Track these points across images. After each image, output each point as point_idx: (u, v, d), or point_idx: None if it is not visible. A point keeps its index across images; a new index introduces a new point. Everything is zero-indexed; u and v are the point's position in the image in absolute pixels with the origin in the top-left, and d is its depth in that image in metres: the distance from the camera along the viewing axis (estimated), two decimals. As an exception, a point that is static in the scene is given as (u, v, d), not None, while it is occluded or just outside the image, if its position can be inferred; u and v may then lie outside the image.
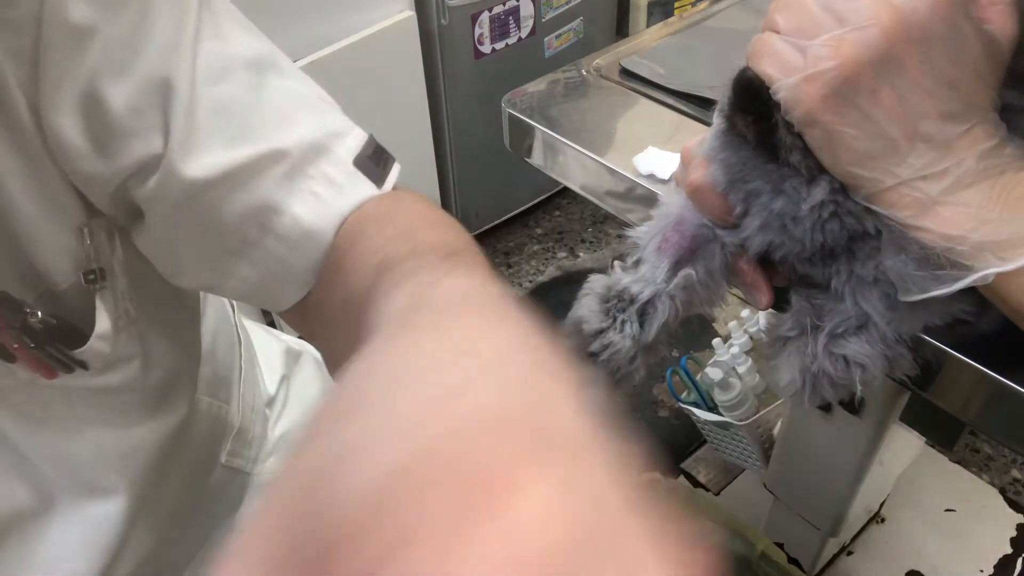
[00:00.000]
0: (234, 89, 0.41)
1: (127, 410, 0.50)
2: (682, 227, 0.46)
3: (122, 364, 0.48)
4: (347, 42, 1.36)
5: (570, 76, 0.73)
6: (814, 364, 0.44)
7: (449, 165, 1.70)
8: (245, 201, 0.41)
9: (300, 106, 0.43)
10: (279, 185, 0.41)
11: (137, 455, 0.51)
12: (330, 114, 0.44)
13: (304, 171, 0.42)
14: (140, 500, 0.51)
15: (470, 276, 0.29)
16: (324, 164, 0.42)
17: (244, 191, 0.41)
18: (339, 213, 0.42)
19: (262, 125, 0.41)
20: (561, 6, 1.62)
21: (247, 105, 0.41)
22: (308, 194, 0.42)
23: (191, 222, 0.42)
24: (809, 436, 0.93)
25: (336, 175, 0.42)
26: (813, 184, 0.38)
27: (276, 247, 0.42)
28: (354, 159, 0.43)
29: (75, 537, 0.49)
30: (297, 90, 0.44)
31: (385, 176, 0.44)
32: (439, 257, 0.35)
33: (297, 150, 0.41)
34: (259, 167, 0.41)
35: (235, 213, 0.41)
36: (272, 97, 0.42)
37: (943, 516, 1.25)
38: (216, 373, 0.61)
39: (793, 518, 1.05)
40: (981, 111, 0.34)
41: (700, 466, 1.38)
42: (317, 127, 0.43)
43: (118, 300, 0.46)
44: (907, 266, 0.37)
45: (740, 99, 0.39)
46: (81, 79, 0.37)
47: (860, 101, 0.34)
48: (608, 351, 0.47)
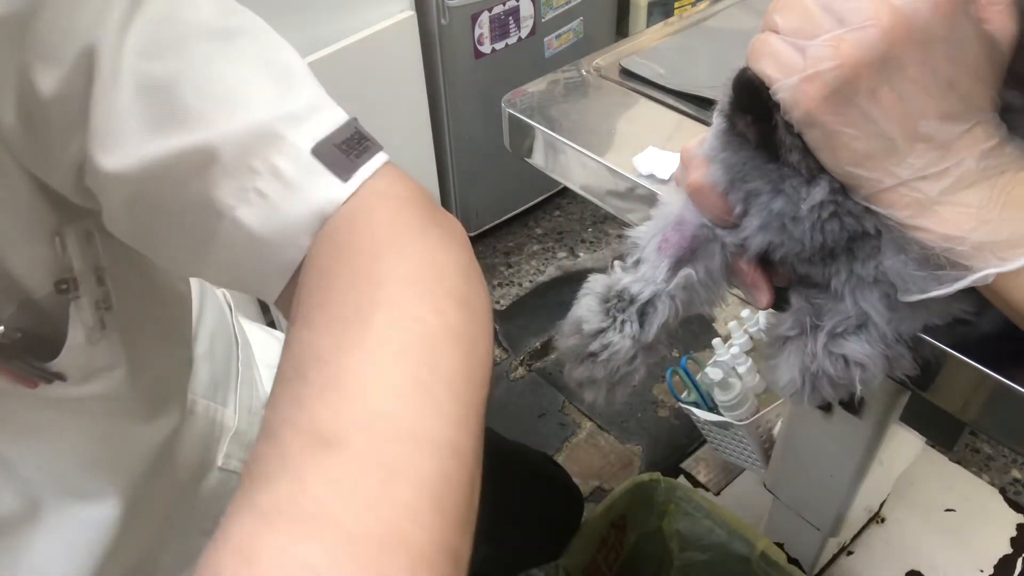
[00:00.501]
0: (175, 64, 0.35)
1: (115, 418, 0.48)
2: (682, 227, 0.46)
3: (104, 373, 0.46)
4: (347, 42, 1.36)
5: (570, 76, 0.73)
6: (814, 364, 0.44)
7: (449, 165, 1.70)
8: (185, 198, 0.36)
9: (261, 82, 0.37)
10: (218, 183, 0.36)
11: (127, 461, 0.50)
12: (297, 91, 0.38)
13: (248, 164, 0.36)
14: (131, 505, 0.50)
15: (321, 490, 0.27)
16: (274, 155, 0.36)
17: (180, 187, 0.36)
18: (294, 222, 0.36)
19: (202, 107, 0.36)
20: (561, 6, 1.62)
21: (190, 81, 0.35)
22: (253, 193, 0.36)
23: (141, 217, 0.38)
24: (809, 436, 0.93)
25: (287, 168, 0.36)
26: (813, 184, 0.38)
27: (225, 253, 0.38)
28: (315, 146, 0.37)
29: (64, 542, 0.48)
30: (262, 62, 0.38)
31: (355, 167, 0.37)
32: (309, 448, 0.29)
33: (242, 137, 0.36)
34: (193, 159, 0.36)
35: (178, 211, 0.37)
36: (227, 72, 0.36)
37: (943, 516, 1.25)
38: (213, 375, 0.61)
39: (793, 518, 1.05)
40: (981, 111, 0.34)
41: (700, 466, 1.38)
42: (272, 107, 0.37)
43: (95, 309, 0.43)
44: (907, 266, 0.37)
45: (740, 99, 0.39)
46: (13, 71, 0.34)
47: (859, 101, 0.34)
48: (608, 351, 0.47)
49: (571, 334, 0.48)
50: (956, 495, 1.27)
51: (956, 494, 1.27)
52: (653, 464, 1.41)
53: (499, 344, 1.65)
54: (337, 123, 0.38)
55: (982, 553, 1.20)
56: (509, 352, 1.63)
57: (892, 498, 1.24)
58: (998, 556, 1.19)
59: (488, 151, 1.68)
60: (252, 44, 0.38)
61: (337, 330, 0.32)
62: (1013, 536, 1.22)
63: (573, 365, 0.49)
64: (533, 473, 0.89)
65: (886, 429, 0.83)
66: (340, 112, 0.39)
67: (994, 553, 1.20)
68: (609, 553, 1.04)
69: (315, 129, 0.37)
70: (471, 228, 1.81)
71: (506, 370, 1.59)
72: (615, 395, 0.49)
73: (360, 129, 0.39)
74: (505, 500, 0.81)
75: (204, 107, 0.36)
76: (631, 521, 1.05)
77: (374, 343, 0.32)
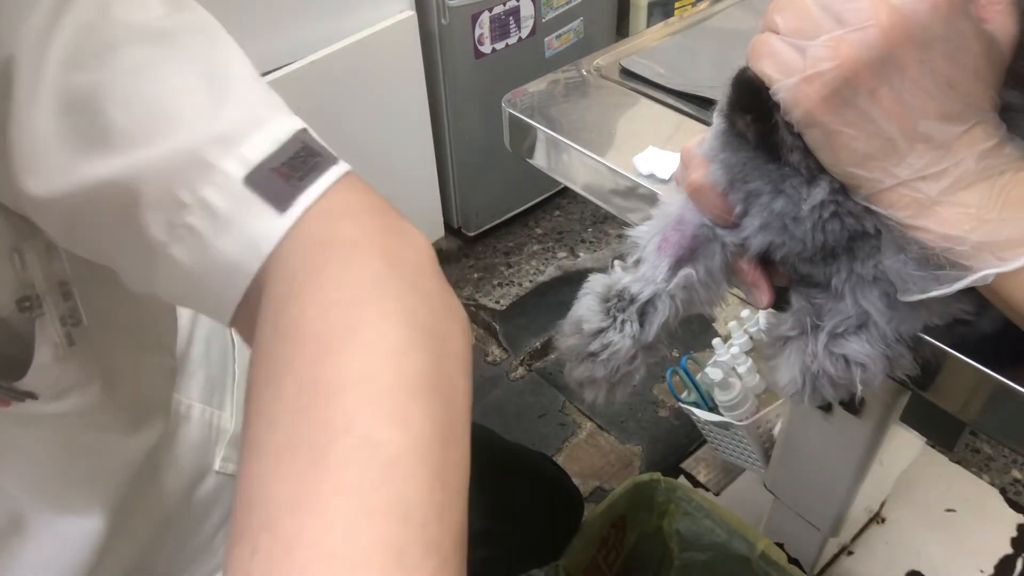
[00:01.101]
0: (101, 75, 0.32)
1: (93, 432, 0.47)
2: (682, 227, 0.46)
3: (77, 389, 0.44)
4: (347, 42, 1.36)
5: (570, 76, 0.73)
6: (814, 364, 0.44)
7: (449, 165, 1.70)
8: (118, 227, 0.34)
9: (194, 94, 0.34)
10: (146, 216, 0.33)
11: (110, 474, 0.49)
12: (235, 104, 0.35)
13: (175, 196, 0.33)
14: (118, 516, 0.49)
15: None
16: (203, 186, 0.33)
17: (112, 215, 0.33)
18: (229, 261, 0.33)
19: (128, 125, 0.32)
20: (561, 6, 1.62)
21: (115, 96, 0.32)
22: (183, 228, 0.33)
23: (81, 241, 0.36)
24: (809, 436, 0.93)
25: (217, 201, 0.33)
26: (813, 184, 0.38)
27: (167, 284, 0.35)
28: (248, 173, 0.33)
29: (50, 555, 0.47)
30: (199, 70, 0.34)
31: (296, 192, 0.33)
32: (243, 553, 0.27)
33: (168, 166, 0.33)
34: (117, 192, 0.33)
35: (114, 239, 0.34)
36: (157, 83, 0.33)
37: (943, 516, 1.25)
38: (209, 379, 0.60)
39: (793, 518, 1.05)
40: (981, 111, 0.34)
41: (700, 466, 1.38)
42: (202, 127, 0.33)
43: (61, 325, 0.41)
44: (906, 266, 0.37)
45: (740, 99, 0.39)
46: None
47: (859, 101, 0.34)
48: (608, 350, 0.47)
49: (571, 334, 0.48)
50: (956, 495, 1.27)
51: (956, 494, 1.27)
52: (653, 464, 1.41)
53: (499, 344, 1.65)
54: (279, 140, 0.34)
55: (982, 553, 1.20)
56: (509, 352, 1.63)
57: (892, 498, 1.24)
58: (998, 556, 1.19)
59: (488, 151, 1.68)
60: (193, 46, 0.35)
61: (291, 471, 0.28)
62: (1013, 536, 1.22)
63: (573, 365, 0.49)
64: (532, 474, 0.89)
65: (886, 429, 0.83)
66: (286, 125, 0.35)
67: (994, 553, 1.20)
68: (609, 553, 1.04)
69: (250, 152, 0.33)
70: (471, 228, 1.81)
71: (506, 370, 1.59)
72: (615, 394, 0.49)
73: (309, 142, 0.35)
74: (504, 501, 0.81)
75: (129, 125, 0.33)
76: (631, 521, 1.05)
77: (333, 495, 0.27)
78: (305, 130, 0.36)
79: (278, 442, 0.29)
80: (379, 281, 0.33)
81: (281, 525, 0.27)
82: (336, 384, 0.30)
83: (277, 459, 0.29)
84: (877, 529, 1.23)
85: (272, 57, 1.29)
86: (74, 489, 0.47)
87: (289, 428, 0.29)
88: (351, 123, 1.44)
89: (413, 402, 0.30)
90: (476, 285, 1.78)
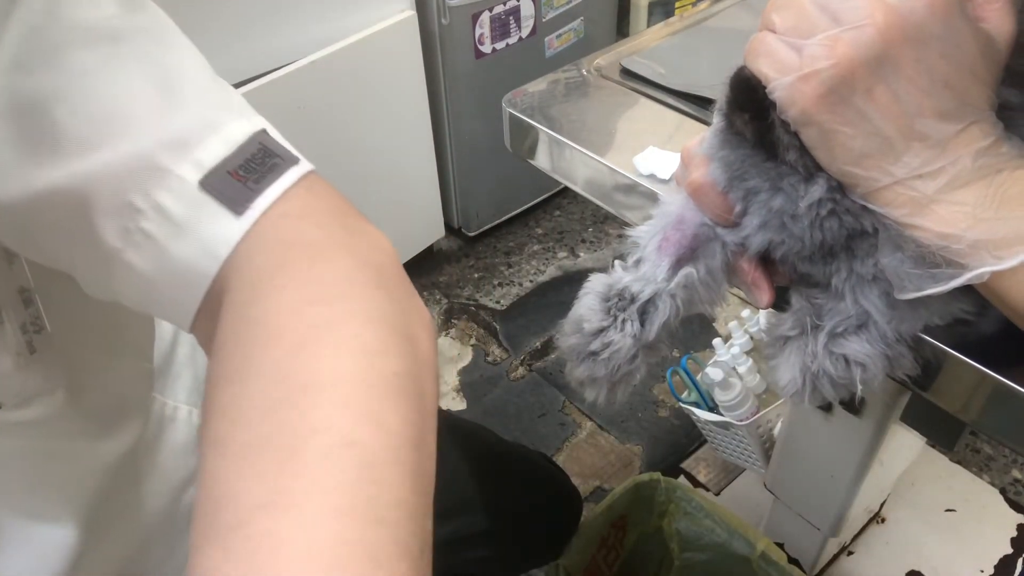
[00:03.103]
0: (50, 79, 0.32)
1: (62, 439, 0.46)
2: (683, 226, 0.46)
3: (44, 396, 0.43)
4: (347, 42, 1.36)
5: (571, 76, 0.74)
6: (814, 363, 0.44)
7: (449, 165, 1.70)
8: (72, 234, 0.33)
9: (147, 97, 0.33)
10: (100, 223, 0.33)
11: (82, 480, 0.48)
12: (190, 106, 0.34)
13: (129, 202, 0.32)
14: (94, 524, 0.48)
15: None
16: (157, 191, 0.32)
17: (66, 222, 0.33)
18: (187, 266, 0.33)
19: (78, 131, 0.32)
20: (562, 6, 1.62)
21: (65, 101, 0.32)
22: (139, 234, 0.33)
23: (37, 248, 0.35)
24: (809, 436, 0.93)
25: (172, 206, 0.32)
26: (811, 182, 0.38)
27: (125, 289, 0.35)
28: (204, 177, 0.33)
29: (23, 565, 0.45)
30: (152, 72, 0.34)
31: (254, 195, 0.33)
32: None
33: (120, 172, 0.32)
34: (67, 199, 0.32)
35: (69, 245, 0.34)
36: (108, 86, 0.33)
37: (943, 516, 1.25)
38: (197, 379, 0.59)
39: (793, 518, 1.05)
40: (977, 110, 0.35)
41: (700, 466, 1.38)
42: (155, 131, 0.33)
43: (22, 333, 0.40)
44: (903, 264, 0.37)
45: (737, 98, 0.39)
46: None
47: (855, 100, 0.34)
48: (609, 350, 0.47)
49: (572, 333, 0.48)
50: (956, 495, 1.27)
51: (956, 494, 1.27)
52: (653, 464, 1.41)
53: (499, 344, 1.65)
54: (236, 142, 0.34)
55: (982, 553, 1.20)
56: (509, 352, 1.63)
57: (892, 498, 1.24)
58: (998, 556, 1.19)
59: (488, 151, 1.68)
60: (146, 47, 0.34)
61: (262, 469, 0.27)
62: (1013, 536, 1.22)
63: (574, 364, 0.49)
64: (531, 474, 0.89)
65: (886, 429, 0.83)
66: (243, 125, 0.35)
67: (994, 553, 1.20)
68: (609, 553, 1.04)
69: (205, 155, 0.33)
70: (471, 228, 1.81)
71: (506, 370, 1.59)
72: (616, 394, 0.49)
73: (268, 143, 0.35)
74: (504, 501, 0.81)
75: (80, 130, 0.32)
76: (631, 521, 1.05)
77: (308, 495, 0.26)
78: (264, 131, 0.35)
79: (246, 439, 0.28)
80: (347, 280, 0.33)
81: (254, 525, 0.26)
82: (308, 382, 0.29)
83: (245, 457, 0.28)
84: (877, 529, 1.23)
85: (272, 57, 1.29)
86: (43, 497, 0.46)
87: (258, 425, 0.28)
88: (351, 123, 1.44)
89: (388, 403, 0.30)
90: (476, 285, 1.78)
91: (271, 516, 0.26)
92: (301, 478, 0.27)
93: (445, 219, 1.78)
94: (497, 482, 0.81)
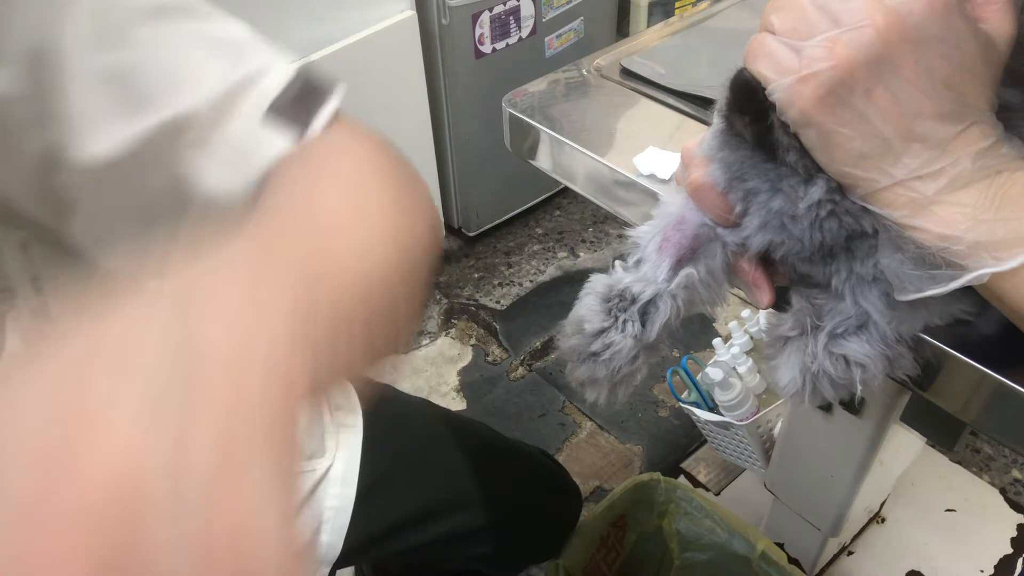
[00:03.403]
0: (127, 53, 0.37)
1: None
2: (683, 226, 0.46)
3: None
4: (347, 42, 1.36)
5: (571, 76, 0.74)
6: (814, 364, 0.44)
7: (449, 165, 1.70)
8: (160, 177, 0.38)
9: (208, 55, 0.39)
10: (187, 157, 0.38)
11: None
12: (245, 56, 0.40)
13: (208, 139, 0.39)
14: None
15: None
16: (232, 124, 0.39)
17: (155, 167, 0.38)
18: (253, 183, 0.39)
19: (162, 88, 0.38)
20: (562, 6, 1.62)
21: (144, 67, 0.38)
22: (218, 164, 0.39)
23: (118, 204, 0.40)
24: (809, 436, 0.93)
25: (246, 135, 0.39)
26: (810, 183, 0.38)
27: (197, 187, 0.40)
28: (270, 105, 0.40)
29: None
30: (206, 35, 0.40)
31: (312, 116, 0.41)
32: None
33: (202, 112, 0.38)
34: (162, 138, 0.38)
35: (156, 190, 0.39)
36: (175, 51, 0.39)
37: (943, 516, 1.25)
38: None
39: (793, 518, 1.05)
40: (977, 111, 0.35)
41: (700, 466, 1.39)
42: (224, 78, 0.39)
43: (33, 318, 0.42)
44: (903, 265, 0.37)
45: (736, 99, 0.39)
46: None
47: (855, 101, 0.34)
48: (610, 350, 0.47)
49: (573, 334, 0.48)
50: (956, 495, 1.27)
51: (956, 494, 1.27)
52: (653, 464, 1.41)
53: (499, 344, 1.65)
54: (286, 77, 0.41)
55: (982, 553, 1.20)
56: (509, 352, 1.63)
57: (892, 498, 1.24)
58: (998, 556, 1.19)
59: (488, 151, 1.68)
60: (191, 22, 0.40)
61: (301, 176, 0.37)
62: (1013, 536, 1.22)
63: (575, 365, 0.49)
64: (531, 469, 0.89)
65: (886, 429, 0.83)
66: (284, 65, 0.41)
67: (994, 553, 1.20)
68: (609, 553, 1.04)
69: (267, 89, 0.40)
70: (471, 228, 1.81)
71: (506, 370, 1.59)
72: (617, 394, 0.49)
73: (311, 76, 0.42)
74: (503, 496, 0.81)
75: (162, 89, 0.38)
76: (631, 521, 1.05)
77: (331, 181, 0.37)
78: (305, 66, 0.42)
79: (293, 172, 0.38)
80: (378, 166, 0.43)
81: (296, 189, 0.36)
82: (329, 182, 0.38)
83: (291, 175, 0.37)
84: (877, 529, 1.23)
85: (272, 57, 1.29)
86: None
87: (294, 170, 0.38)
88: (351, 123, 1.44)
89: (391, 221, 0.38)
90: (476, 285, 1.78)
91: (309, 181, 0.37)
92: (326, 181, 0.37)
93: (445, 219, 1.78)
94: (496, 478, 0.81)
